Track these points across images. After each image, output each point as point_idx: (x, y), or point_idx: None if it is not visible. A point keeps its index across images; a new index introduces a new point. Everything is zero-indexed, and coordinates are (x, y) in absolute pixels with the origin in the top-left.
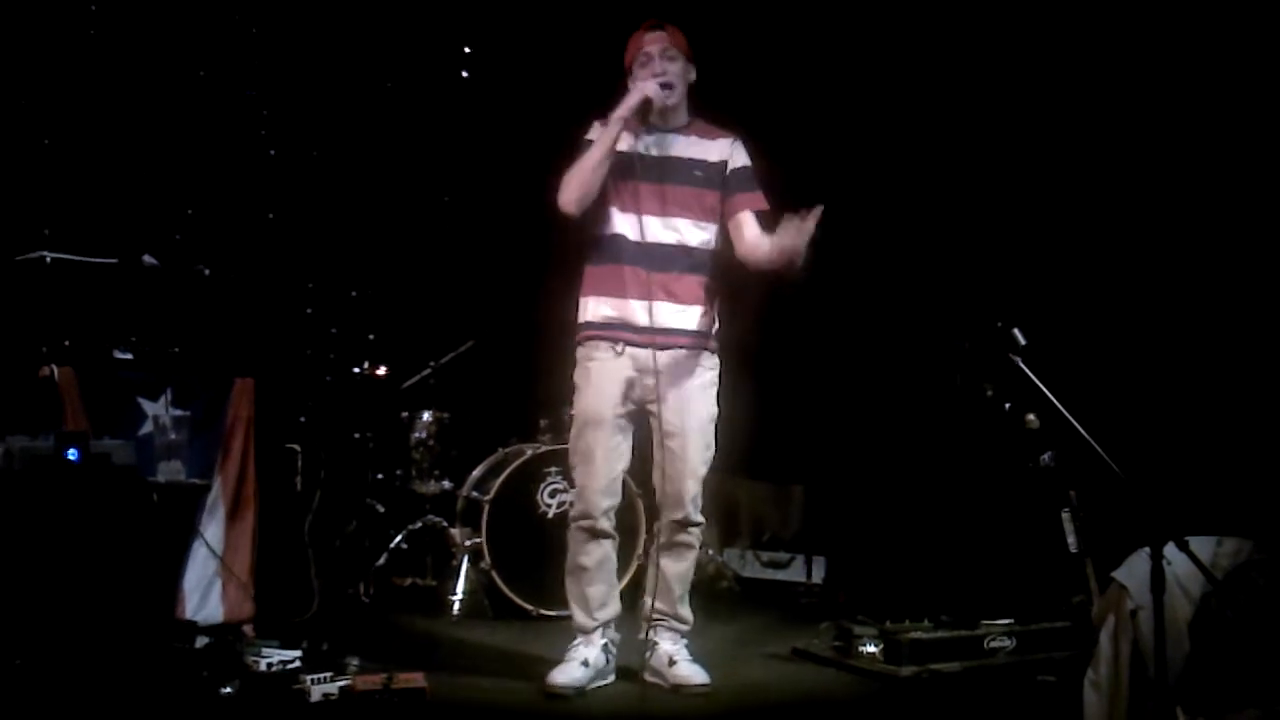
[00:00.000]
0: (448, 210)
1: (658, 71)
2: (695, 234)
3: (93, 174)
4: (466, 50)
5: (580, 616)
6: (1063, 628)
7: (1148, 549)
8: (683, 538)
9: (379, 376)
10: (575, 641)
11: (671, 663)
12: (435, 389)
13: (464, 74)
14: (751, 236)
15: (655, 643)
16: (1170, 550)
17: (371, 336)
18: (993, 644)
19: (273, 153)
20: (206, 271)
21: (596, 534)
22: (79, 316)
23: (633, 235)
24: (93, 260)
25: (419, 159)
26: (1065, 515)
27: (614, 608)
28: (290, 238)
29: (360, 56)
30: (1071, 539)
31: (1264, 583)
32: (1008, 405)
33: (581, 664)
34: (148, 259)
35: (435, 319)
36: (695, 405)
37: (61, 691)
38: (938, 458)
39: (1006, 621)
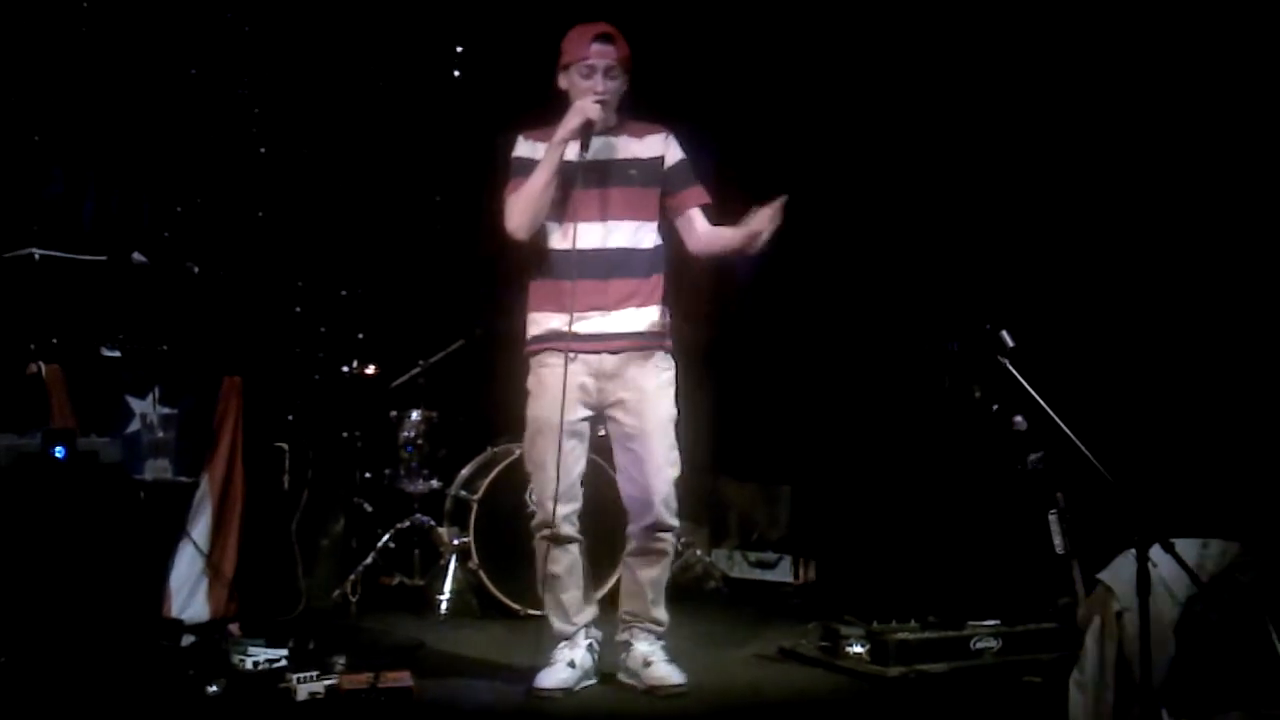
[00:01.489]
0: (438, 209)
1: (598, 89)
2: (638, 235)
3: (82, 171)
4: (459, 49)
5: (559, 624)
6: (1049, 629)
7: (1134, 551)
8: (654, 544)
9: (368, 375)
10: (560, 645)
11: (646, 664)
12: (424, 388)
13: (455, 73)
14: (704, 231)
15: (630, 644)
16: (1156, 552)
17: (360, 335)
18: (979, 645)
19: (263, 151)
20: (195, 269)
21: (561, 540)
22: (67, 314)
23: (573, 245)
24: (81, 258)
25: (409, 158)
26: (1052, 517)
27: (591, 610)
28: (280, 236)
29: (351, 55)
30: (1058, 540)
31: (1249, 585)
32: (995, 407)
33: (568, 665)
34: (136, 257)
35: (425, 318)
36: (653, 406)
37: (47, 689)
38: (925, 459)
39: (993, 622)
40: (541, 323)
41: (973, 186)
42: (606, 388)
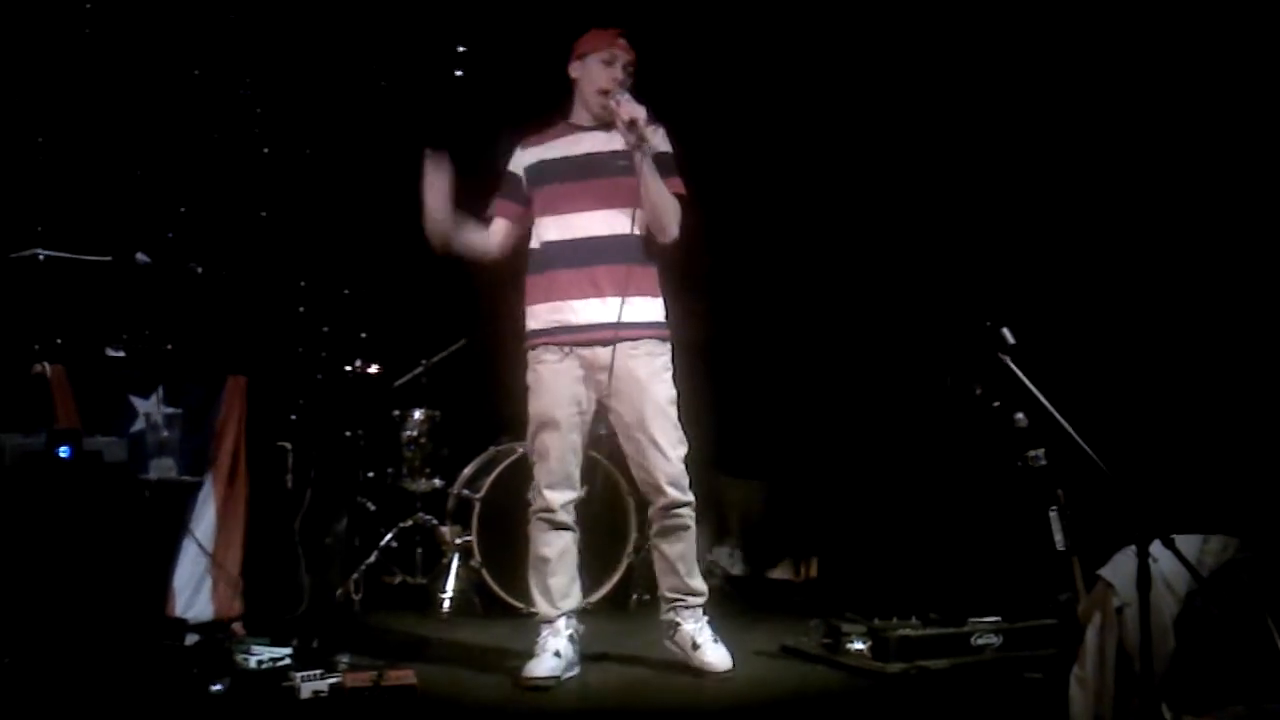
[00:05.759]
0: None
1: (617, 77)
2: (626, 223)
3: (86, 171)
4: (461, 49)
5: (544, 606)
6: (1049, 625)
7: (1134, 547)
8: (672, 521)
9: (371, 374)
10: (544, 633)
11: (695, 645)
12: (427, 387)
13: (458, 73)
14: None
15: (677, 623)
16: (1156, 548)
17: (363, 334)
18: (980, 641)
19: (266, 151)
20: (199, 269)
21: (556, 525)
22: (72, 314)
23: (564, 236)
24: (86, 258)
25: (412, 157)
26: (1053, 513)
27: (575, 598)
28: (283, 236)
29: (354, 54)
30: (1059, 537)
31: (1249, 580)
32: (996, 404)
33: (554, 655)
34: (140, 257)
35: (427, 317)
36: (651, 393)
37: (51, 689)
38: (927, 456)
39: (994, 619)
40: (537, 316)
41: (974, 183)
42: (602, 380)
